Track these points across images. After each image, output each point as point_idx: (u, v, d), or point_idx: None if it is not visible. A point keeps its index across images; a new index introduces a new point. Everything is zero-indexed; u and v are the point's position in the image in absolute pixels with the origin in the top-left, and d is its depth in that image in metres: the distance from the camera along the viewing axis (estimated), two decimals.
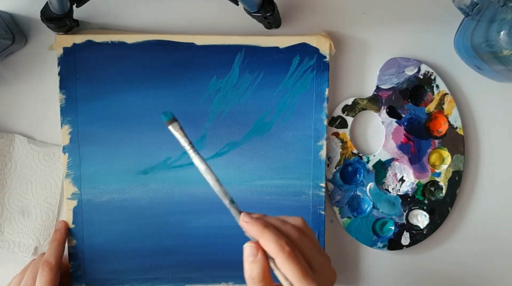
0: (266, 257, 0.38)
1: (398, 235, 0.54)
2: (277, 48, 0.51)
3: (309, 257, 0.39)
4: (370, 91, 0.53)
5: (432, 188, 0.54)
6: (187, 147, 0.44)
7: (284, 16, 0.52)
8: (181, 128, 0.45)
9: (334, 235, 0.55)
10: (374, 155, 0.54)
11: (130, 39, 0.50)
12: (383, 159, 0.54)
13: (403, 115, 0.53)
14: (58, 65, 0.50)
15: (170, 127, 0.45)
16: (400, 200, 0.54)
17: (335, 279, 0.40)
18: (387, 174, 0.54)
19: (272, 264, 0.38)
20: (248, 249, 0.39)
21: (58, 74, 0.50)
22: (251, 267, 0.39)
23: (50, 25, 0.47)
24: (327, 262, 0.40)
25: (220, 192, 0.42)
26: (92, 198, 0.51)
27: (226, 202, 0.42)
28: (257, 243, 0.39)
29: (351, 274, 0.56)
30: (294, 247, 0.38)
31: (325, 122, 0.51)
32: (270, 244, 0.38)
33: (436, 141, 0.53)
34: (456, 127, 0.53)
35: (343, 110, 0.53)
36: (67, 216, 0.52)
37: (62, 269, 0.50)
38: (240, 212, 0.42)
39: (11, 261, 0.54)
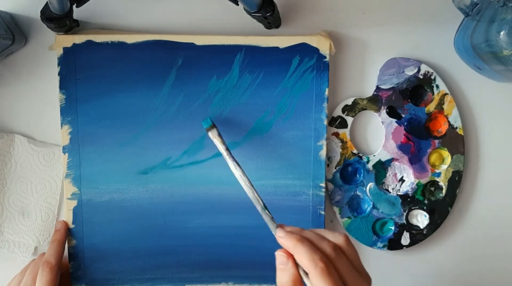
0: (297, 267, 0.39)
1: (398, 235, 0.54)
2: (277, 48, 0.51)
3: (345, 276, 0.38)
4: (370, 91, 0.53)
5: (432, 188, 0.54)
6: (224, 152, 0.47)
7: (284, 16, 0.52)
8: (219, 135, 0.48)
9: None
10: (374, 155, 0.54)
11: (130, 39, 0.50)
12: (383, 159, 0.54)
13: (403, 115, 0.53)
14: (58, 65, 0.50)
15: (209, 133, 0.48)
16: (400, 200, 0.54)
17: None
18: (387, 174, 0.54)
19: (305, 279, 0.38)
20: (279, 257, 0.39)
21: (58, 74, 0.50)
22: (281, 274, 0.39)
23: (50, 25, 0.47)
24: (365, 283, 0.39)
25: (253, 198, 0.44)
26: (92, 198, 0.51)
27: (259, 208, 0.44)
28: (288, 252, 0.39)
29: None
30: (329, 263, 0.37)
31: (325, 122, 0.52)
32: (303, 259, 0.37)
33: (436, 141, 0.53)
34: (456, 127, 0.53)
35: (343, 110, 0.53)
36: (67, 216, 0.52)
37: (62, 269, 0.50)
38: (272, 219, 0.43)
39: (11, 261, 0.54)
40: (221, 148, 0.47)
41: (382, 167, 0.54)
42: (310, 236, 0.39)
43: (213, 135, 0.48)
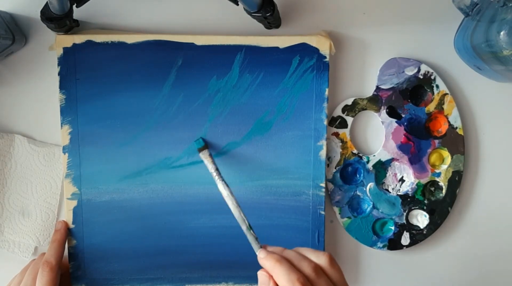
0: None
1: (398, 235, 0.54)
2: (277, 48, 0.51)
3: None
4: (370, 91, 0.53)
5: (432, 188, 0.54)
6: (214, 173, 0.48)
7: (284, 16, 0.52)
8: (210, 155, 0.49)
9: (334, 235, 0.55)
10: (374, 155, 0.54)
11: (130, 39, 0.50)
12: (383, 159, 0.54)
13: (403, 115, 0.53)
14: (58, 65, 0.50)
15: (201, 154, 0.50)
16: (400, 200, 0.54)
17: None
18: (387, 174, 0.54)
19: None
20: (260, 276, 0.39)
21: (58, 74, 0.50)
22: None
23: (50, 25, 0.47)
24: None
25: (239, 218, 0.45)
26: (92, 198, 0.51)
27: (244, 227, 0.44)
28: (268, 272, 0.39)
29: (351, 274, 0.56)
30: (308, 284, 0.37)
31: (325, 122, 0.52)
32: (281, 279, 0.37)
33: (436, 141, 0.53)
34: (456, 127, 0.53)
35: (343, 110, 0.53)
36: (67, 216, 0.52)
37: (62, 269, 0.50)
38: (257, 239, 0.43)
39: (11, 261, 0.54)
40: (211, 168, 0.48)
41: (382, 167, 0.54)
42: (290, 256, 0.39)
43: (204, 155, 0.49)
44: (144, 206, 0.52)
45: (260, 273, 0.40)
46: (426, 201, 0.54)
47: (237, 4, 0.47)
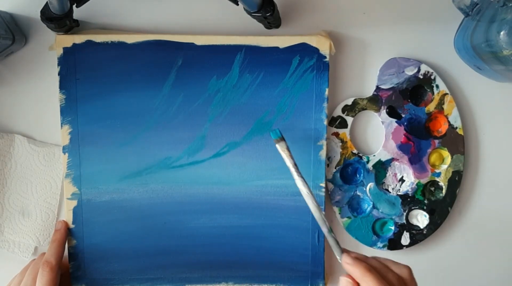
0: None
1: (398, 235, 0.54)
2: (277, 48, 0.51)
3: None
4: (370, 91, 0.53)
5: (432, 188, 0.54)
6: (292, 168, 0.45)
7: (284, 16, 0.52)
8: (288, 149, 0.46)
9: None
10: (374, 155, 0.54)
11: (130, 39, 0.50)
12: (383, 159, 0.54)
13: (403, 115, 0.53)
14: (58, 65, 0.50)
15: (277, 146, 0.47)
16: (400, 200, 0.54)
17: None
18: (387, 174, 0.54)
19: None
20: (345, 283, 0.40)
21: (58, 74, 0.50)
22: None
23: (50, 25, 0.47)
24: None
25: (320, 219, 0.43)
26: (92, 198, 0.51)
27: (325, 230, 0.43)
28: (353, 278, 0.40)
29: None
30: None
31: (325, 122, 0.52)
32: None
33: (436, 141, 0.53)
34: (456, 127, 0.53)
35: (343, 110, 0.53)
36: (67, 216, 0.52)
37: (62, 269, 0.50)
38: (338, 243, 0.43)
39: (11, 261, 0.54)
40: (289, 163, 0.46)
41: (382, 167, 0.54)
42: (376, 266, 0.40)
43: (281, 147, 0.46)
44: (144, 206, 0.52)
45: (345, 280, 0.40)
46: (426, 201, 0.54)
47: (237, 4, 0.47)
